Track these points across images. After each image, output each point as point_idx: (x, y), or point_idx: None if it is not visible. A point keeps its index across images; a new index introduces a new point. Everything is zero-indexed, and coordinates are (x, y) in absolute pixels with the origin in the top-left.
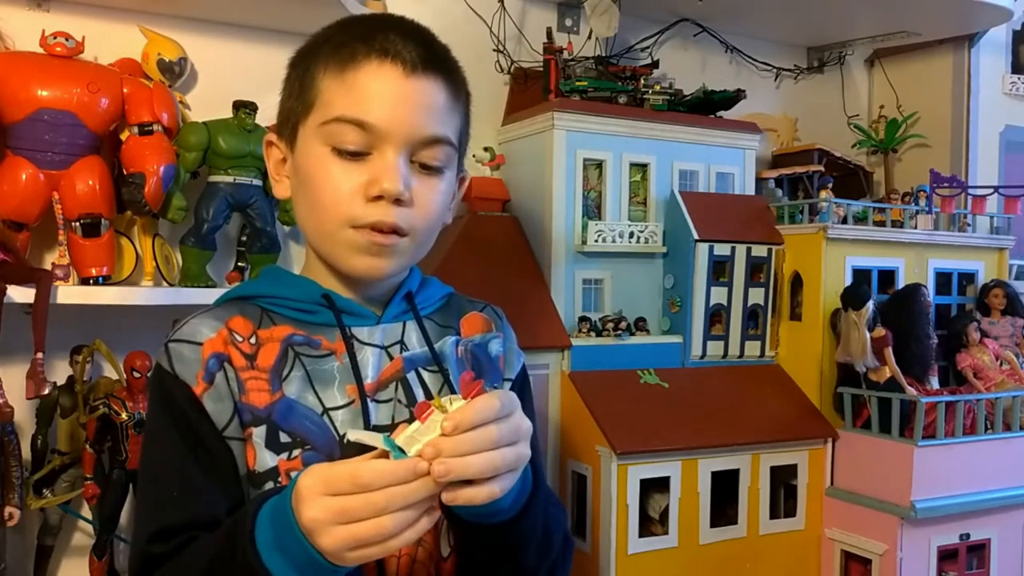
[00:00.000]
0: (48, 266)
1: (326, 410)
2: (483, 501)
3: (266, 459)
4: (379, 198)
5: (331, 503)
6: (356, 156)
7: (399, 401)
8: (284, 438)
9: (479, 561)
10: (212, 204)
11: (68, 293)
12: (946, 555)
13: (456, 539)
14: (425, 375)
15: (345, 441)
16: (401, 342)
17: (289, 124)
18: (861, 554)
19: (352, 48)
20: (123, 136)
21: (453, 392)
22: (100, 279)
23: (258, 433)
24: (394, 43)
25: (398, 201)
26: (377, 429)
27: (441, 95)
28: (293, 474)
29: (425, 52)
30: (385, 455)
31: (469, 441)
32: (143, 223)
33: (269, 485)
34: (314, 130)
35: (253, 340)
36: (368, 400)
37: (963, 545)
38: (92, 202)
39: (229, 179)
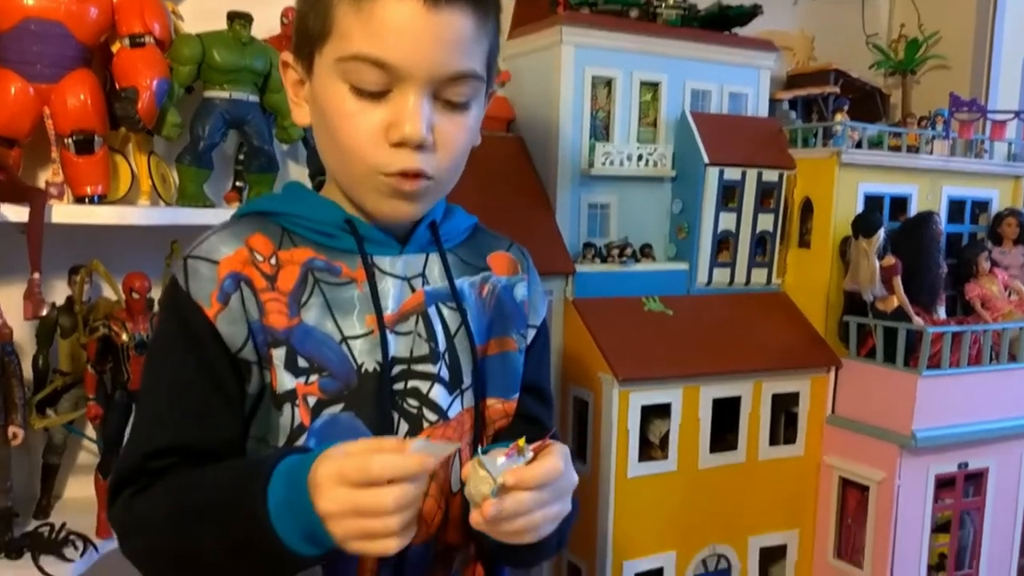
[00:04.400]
0: (42, 184)
1: (344, 338)
2: (513, 541)
3: (285, 380)
4: (401, 144)
5: (344, 495)
6: (376, 95)
7: (418, 335)
8: (302, 363)
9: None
10: (207, 121)
11: (63, 212)
12: (943, 483)
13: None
14: (445, 311)
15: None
16: (423, 275)
17: (305, 48)
18: (859, 481)
19: None
20: (114, 48)
21: (469, 331)
22: (95, 198)
23: (277, 355)
24: None
25: (421, 146)
26: (395, 361)
27: (467, 24)
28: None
29: None
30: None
31: (525, 504)
32: (138, 140)
33: (287, 408)
34: (331, 64)
35: (273, 261)
36: (387, 331)
37: (961, 474)
38: (84, 117)
39: (225, 94)
